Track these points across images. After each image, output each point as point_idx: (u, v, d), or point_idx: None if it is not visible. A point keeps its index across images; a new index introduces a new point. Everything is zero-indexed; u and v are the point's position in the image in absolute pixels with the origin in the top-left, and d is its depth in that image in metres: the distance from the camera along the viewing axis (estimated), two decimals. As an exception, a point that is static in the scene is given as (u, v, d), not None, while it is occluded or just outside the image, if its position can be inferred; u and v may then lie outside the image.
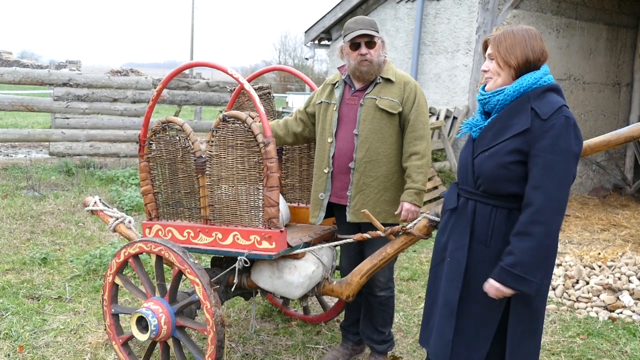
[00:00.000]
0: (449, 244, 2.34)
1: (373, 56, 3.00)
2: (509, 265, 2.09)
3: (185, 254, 2.85)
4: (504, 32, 2.24)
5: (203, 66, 3.31)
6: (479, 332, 2.25)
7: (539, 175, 2.08)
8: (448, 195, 2.41)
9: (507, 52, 2.19)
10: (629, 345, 3.72)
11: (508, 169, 2.14)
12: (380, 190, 3.03)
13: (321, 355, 3.46)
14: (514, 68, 2.20)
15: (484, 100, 2.27)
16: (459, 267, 2.26)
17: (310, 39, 10.49)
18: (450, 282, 2.30)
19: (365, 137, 3.01)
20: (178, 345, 2.96)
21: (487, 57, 2.28)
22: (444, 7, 8.36)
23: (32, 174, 7.84)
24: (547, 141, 2.07)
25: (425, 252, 5.66)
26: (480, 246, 2.24)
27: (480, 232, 2.23)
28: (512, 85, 2.20)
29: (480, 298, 2.23)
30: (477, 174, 2.23)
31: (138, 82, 9.37)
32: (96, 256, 4.67)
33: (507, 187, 2.17)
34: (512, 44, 2.19)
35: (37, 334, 3.55)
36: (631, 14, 9.42)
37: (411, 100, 3.01)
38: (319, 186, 3.15)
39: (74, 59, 40.69)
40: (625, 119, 9.75)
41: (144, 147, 3.09)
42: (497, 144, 2.17)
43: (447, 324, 2.28)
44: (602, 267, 4.71)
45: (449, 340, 2.27)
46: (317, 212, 3.16)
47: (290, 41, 44.53)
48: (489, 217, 2.22)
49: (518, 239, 2.09)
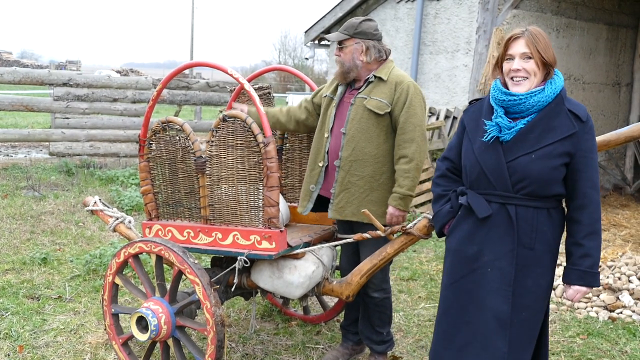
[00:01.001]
0: (483, 254, 2.24)
1: (342, 59, 3.04)
2: (590, 267, 2.17)
3: (185, 253, 2.85)
4: (535, 31, 2.19)
5: (203, 66, 3.31)
6: (526, 338, 2.24)
7: (593, 175, 2.18)
8: (475, 203, 2.26)
9: (545, 52, 2.17)
10: (629, 345, 3.72)
11: (559, 171, 2.18)
12: (366, 189, 3.01)
13: (321, 355, 3.46)
14: (549, 68, 2.20)
15: (517, 102, 2.19)
16: (506, 275, 2.20)
17: (310, 39, 10.49)
18: (495, 293, 2.21)
19: (352, 136, 3.00)
20: (178, 345, 2.96)
21: (518, 56, 2.19)
22: (444, 7, 8.36)
23: (32, 174, 7.84)
24: (590, 143, 2.19)
25: (425, 252, 5.65)
26: (525, 250, 2.21)
27: (525, 236, 2.20)
28: (550, 86, 2.20)
29: (528, 303, 2.21)
30: (521, 176, 2.18)
31: (138, 82, 9.37)
32: (96, 256, 4.67)
33: (554, 188, 2.20)
34: (546, 44, 2.18)
35: (37, 334, 3.55)
36: (631, 14, 9.42)
37: (402, 101, 2.95)
38: (312, 178, 3.15)
39: (74, 59, 40.69)
40: (625, 119, 9.74)
41: (144, 147, 3.09)
42: (545, 146, 2.16)
43: (500, 337, 2.20)
44: (602, 267, 4.71)
45: (504, 352, 2.20)
46: (306, 202, 3.18)
47: (290, 41, 44.60)
48: (532, 220, 2.20)
49: (589, 239, 2.16)
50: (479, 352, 2.23)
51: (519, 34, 2.20)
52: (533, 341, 2.27)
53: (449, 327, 2.31)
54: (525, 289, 2.21)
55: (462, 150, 2.37)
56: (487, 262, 2.23)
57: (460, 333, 2.28)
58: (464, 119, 2.40)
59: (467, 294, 2.27)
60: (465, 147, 2.35)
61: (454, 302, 2.31)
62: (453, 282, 2.32)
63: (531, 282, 2.21)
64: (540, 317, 2.27)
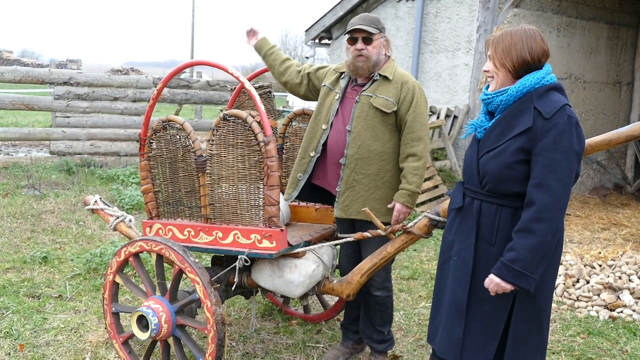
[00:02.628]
0: (455, 243, 2.36)
1: (369, 52, 3.00)
2: (510, 261, 2.11)
3: (185, 252, 2.85)
4: (503, 33, 2.26)
5: (204, 65, 3.31)
6: (488, 330, 2.27)
7: (541, 173, 2.10)
8: (454, 195, 2.43)
9: (503, 53, 2.22)
10: (630, 344, 3.72)
11: (513, 169, 2.16)
12: (370, 187, 3.02)
13: (321, 354, 3.46)
14: (509, 70, 2.22)
15: (488, 100, 2.29)
16: (466, 266, 2.28)
17: (310, 38, 10.48)
18: (457, 280, 2.31)
19: (358, 134, 3.00)
20: (178, 344, 2.97)
21: (488, 57, 2.30)
22: (445, 6, 8.35)
23: (33, 173, 7.84)
24: (549, 140, 2.09)
25: (426, 251, 5.66)
26: (486, 245, 2.26)
27: (486, 231, 2.26)
28: (515, 85, 2.21)
29: (489, 296, 2.24)
30: (482, 173, 2.25)
31: (138, 81, 9.37)
32: (97, 255, 4.68)
33: (512, 186, 2.19)
34: (508, 45, 2.21)
35: (37, 333, 3.55)
36: (632, 12, 9.41)
37: (408, 100, 2.99)
38: (301, 166, 3.17)
39: (75, 58, 40.72)
40: (626, 118, 9.74)
41: (144, 146, 3.09)
42: (502, 144, 2.19)
43: (457, 322, 2.29)
44: (603, 266, 4.71)
45: (459, 338, 2.28)
46: (291, 190, 3.20)
47: (290, 40, 44.44)
48: (494, 216, 2.24)
49: (520, 236, 2.11)
50: (443, 333, 2.36)
51: (491, 37, 2.30)
52: (495, 337, 2.26)
53: (433, 306, 2.48)
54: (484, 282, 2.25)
55: None
56: (456, 250, 2.34)
57: (439, 313, 2.43)
58: None
59: (444, 279, 2.42)
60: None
61: (437, 285, 2.48)
62: (439, 266, 2.48)
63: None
64: (504, 314, 2.25)
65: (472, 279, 2.28)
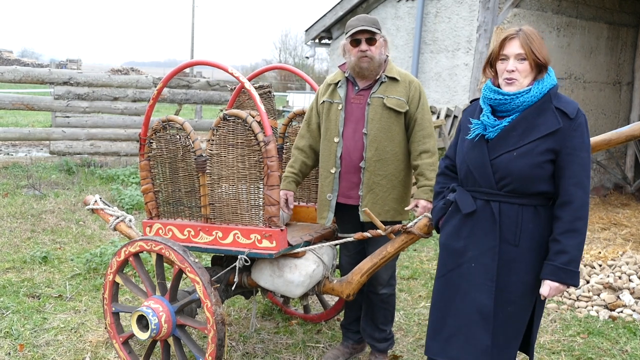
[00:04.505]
0: (468, 250, 2.29)
1: (373, 53, 3.00)
2: (565, 264, 2.14)
3: (185, 252, 2.85)
4: (529, 31, 2.20)
5: (204, 65, 3.31)
6: (511, 332, 2.26)
7: (578, 172, 2.16)
8: (461, 199, 2.33)
9: (539, 51, 2.18)
10: (630, 344, 3.72)
11: (542, 168, 2.18)
12: (388, 188, 3.04)
13: (321, 354, 3.46)
14: (542, 68, 2.21)
15: (503, 101, 2.22)
16: (489, 271, 2.23)
17: (310, 38, 10.48)
18: (478, 288, 2.25)
19: (374, 136, 3.01)
20: (178, 343, 2.97)
21: (513, 56, 2.20)
22: (445, 6, 8.35)
23: (33, 173, 7.84)
24: (578, 139, 2.16)
25: (426, 250, 5.66)
26: (509, 247, 2.23)
27: (508, 232, 2.22)
28: (538, 86, 2.21)
29: (513, 299, 2.23)
30: (503, 174, 2.21)
31: (138, 80, 9.37)
32: (97, 255, 4.68)
33: (539, 185, 2.20)
34: (540, 43, 2.19)
35: (37, 333, 3.55)
36: (632, 12, 9.41)
37: (417, 98, 3.04)
38: (326, 187, 3.13)
39: (75, 58, 40.73)
40: (626, 118, 9.73)
41: (144, 146, 3.09)
42: (527, 144, 2.18)
43: (483, 330, 2.24)
44: (603, 266, 4.71)
45: (487, 346, 2.23)
46: (326, 213, 3.14)
47: (290, 40, 44.55)
48: (517, 217, 2.22)
49: (567, 237, 2.14)
50: (463, 344, 2.28)
51: (513, 34, 2.22)
52: (519, 337, 2.28)
53: (437, 318, 2.38)
54: (510, 285, 2.23)
55: (457, 148, 2.44)
56: (471, 257, 2.28)
57: (447, 325, 2.33)
58: (462, 118, 2.47)
59: (454, 287, 2.33)
60: (458, 146, 2.43)
61: (443, 295, 2.37)
62: (442, 276, 2.39)
63: (515, 278, 2.23)
64: (527, 313, 2.27)
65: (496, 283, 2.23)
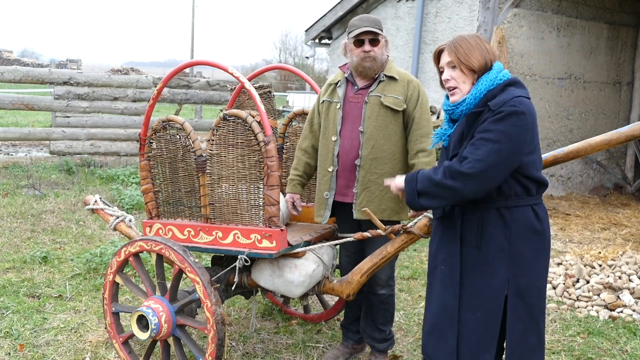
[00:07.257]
0: (439, 252, 2.35)
1: (376, 53, 3.02)
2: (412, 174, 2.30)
3: (185, 252, 2.85)
4: (457, 38, 2.26)
5: (204, 65, 3.31)
6: (483, 337, 2.24)
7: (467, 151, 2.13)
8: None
9: (466, 56, 2.20)
10: (630, 344, 3.72)
11: None
12: (385, 187, 3.03)
13: (321, 354, 3.46)
14: (476, 72, 2.21)
15: (451, 111, 2.30)
16: (454, 274, 2.27)
17: (310, 38, 10.49)
18: (446, 289, 2.30)
19: (371, 134, 3.02)
20: (178, 343, 2.97)
21: (445, 66, 2.27)
22: (445, 6, 8.35)
23: (33, 173, 7.84)
24: (485, 125, 2.12)
25: (426, 250, 5.64)
26: (472, 250, 2.24)
27: (471, 236, 2.24)
28: (471, 94, 2.22)
29: (480, 303, 2.22)
30: None
31: (138, 80, 9.37)
32: (97, 255, 4.68)
33: None
34: (469, 48, 2.21)
35: (37, 333, 3.55)
36: (632, 12, 9.41)
37: (415, 98, 3.04)
38: (324, 185, 3.15)
39: (75, 58, 40.76)
40: (626, 118, 9.73)
41: (144, 146, 3.09)
42: (462, 149, 2.19)
43: (450, 331, 2.27)
44: (603, 266, 4.71)
45: (453, 347, 2.26)
46: (323, 211, 3.16)
47: (290, 40, 44.58)
48: (477, 221, 2.23)
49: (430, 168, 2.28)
50: (435, 342, 2.34)
51: (443, 45, 2.28)
52: (492, 343, 2.24)
53: (425, 314, 2.48)
54: (476, 289, 2.24)
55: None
56: (442, 259, 2.34)
57: (427, 321, 2.41)
58: None
59: (431, 288, 2.42)
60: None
61: (427, 295, 2.47)
62: (427, 276, 2.48)
63: (481, 282, 2.23)
64: (498, 317, 2.23)
65: (461, 286, 2.26)
